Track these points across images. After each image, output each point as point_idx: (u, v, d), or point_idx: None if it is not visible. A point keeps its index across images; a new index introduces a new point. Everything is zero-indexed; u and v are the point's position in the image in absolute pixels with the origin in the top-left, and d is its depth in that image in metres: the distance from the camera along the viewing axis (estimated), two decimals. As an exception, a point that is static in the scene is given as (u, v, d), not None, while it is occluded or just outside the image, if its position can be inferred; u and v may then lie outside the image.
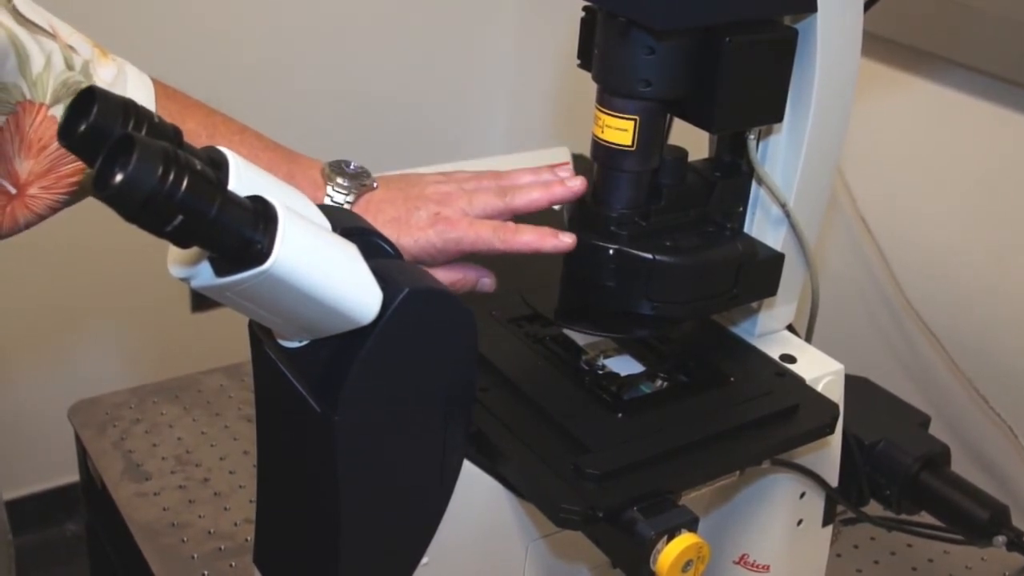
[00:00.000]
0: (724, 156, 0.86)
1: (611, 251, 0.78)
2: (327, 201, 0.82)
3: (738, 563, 0.93)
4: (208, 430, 1.25)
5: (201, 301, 1.93)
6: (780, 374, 0.86)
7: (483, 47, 2.14)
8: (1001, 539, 0.97)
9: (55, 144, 0.75)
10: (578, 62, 0.82)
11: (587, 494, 0.70)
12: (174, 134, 0.62)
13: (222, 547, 1.08)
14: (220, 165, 0.62)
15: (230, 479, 1.18)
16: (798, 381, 0.85)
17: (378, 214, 0.81)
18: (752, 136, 0.82)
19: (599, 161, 0.81)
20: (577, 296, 0.82)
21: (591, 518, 0.69)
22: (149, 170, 0.53)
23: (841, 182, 1.40)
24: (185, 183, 0.54)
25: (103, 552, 1.25)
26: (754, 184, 0.85)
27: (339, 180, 0.83)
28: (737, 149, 0.85)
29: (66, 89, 0.76)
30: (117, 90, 0.78)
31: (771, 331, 0.91)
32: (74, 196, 0.79)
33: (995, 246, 1.32)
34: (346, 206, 0.82)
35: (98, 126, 0.59)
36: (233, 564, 1.06)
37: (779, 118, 0.81)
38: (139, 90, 0.81)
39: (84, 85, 0.76)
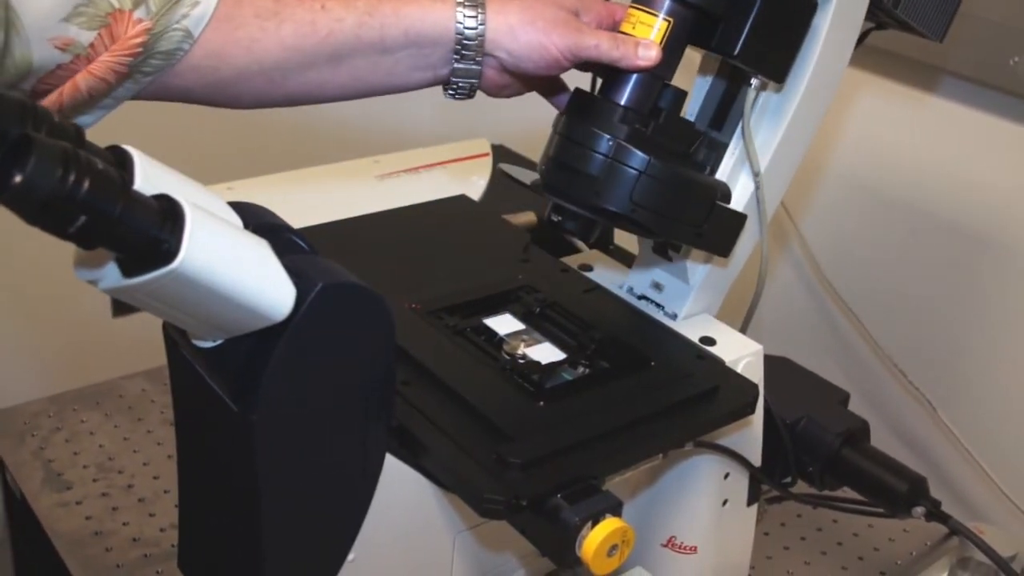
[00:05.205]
0: (708, 128, 0.91)
1: (610, 141, 0.79)
2: (459, 13, 0.81)
3: (666, 546, 0.94)
4: (130, 436, 1.23)
5: (122, 305, 1.89)
6: (700, 357, 0.87)
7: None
8: (920, 510, 0.99)
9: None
10: None
11: (510, 483, 0.70)
12: (76, 134, 0.60)
13: (147, 554, 1.07)
14: (125, 164, 0.61)
15: (154, 484, 1.16)
16: (718, 363, 0.86)
17: (507, 3, 0.82)
18: (755, 83, 0.86)
19: None
20: (563, 179, 0.83)
21: (515, 507, 0.69)
22: (48, 171, 0.52)
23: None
24: (86, 183, 0.53)
25: (27, 566, 1.22)
26: (727, 158, 0.88)
27: None
28: (719, 117, 0.90)
29: None
30: None
31: (693, 315, 0.92)
32: (136, 60, 0.77)
33: (907, 224, 1.35)
34: (480, 12, 0.81)
35: (-6, 127, 0.57)
36: (160, 571, 1.05)
37: (781, 78, 0.85)
38: None
39: None
